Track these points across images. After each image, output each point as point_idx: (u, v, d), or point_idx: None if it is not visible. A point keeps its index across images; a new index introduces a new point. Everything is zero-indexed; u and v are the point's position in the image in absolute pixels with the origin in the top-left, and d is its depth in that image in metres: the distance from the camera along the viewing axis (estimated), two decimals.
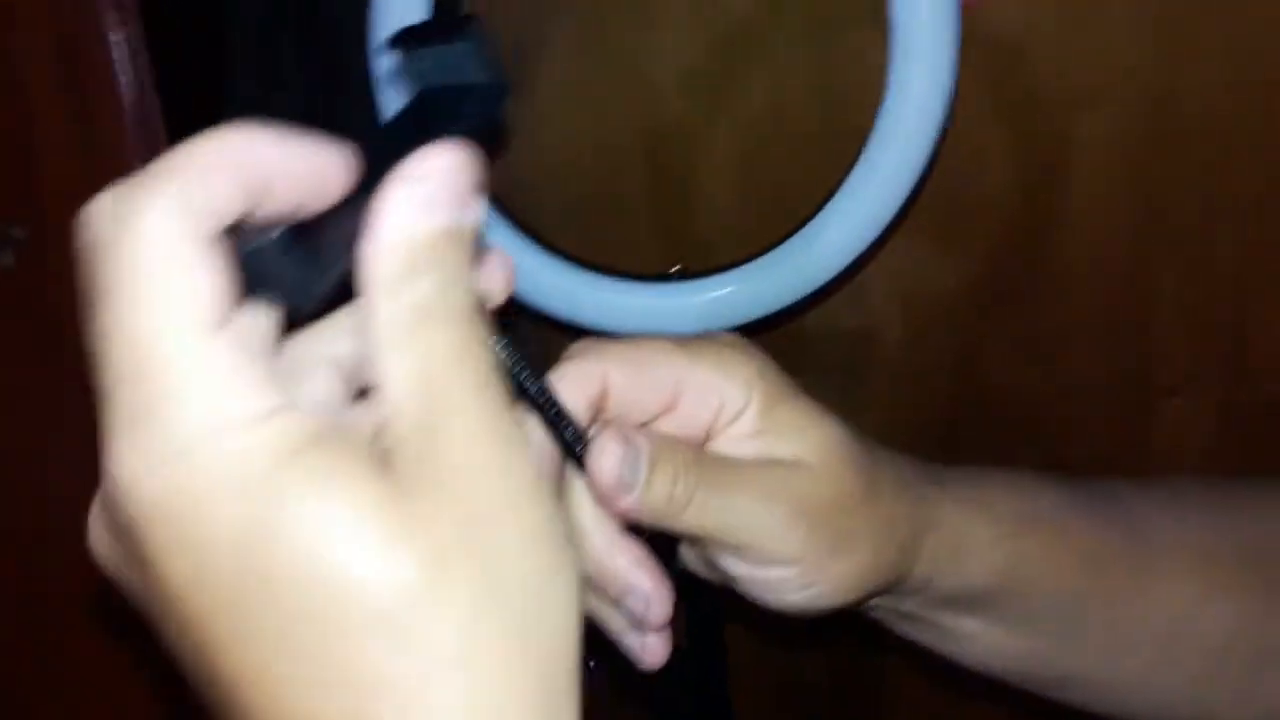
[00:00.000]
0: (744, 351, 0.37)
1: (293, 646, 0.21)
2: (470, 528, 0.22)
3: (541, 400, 0.33)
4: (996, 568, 0.39)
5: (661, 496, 0.34)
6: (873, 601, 0.39)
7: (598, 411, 0.35)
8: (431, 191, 0.24)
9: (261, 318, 0.24)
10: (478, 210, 0.25)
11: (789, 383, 0.37)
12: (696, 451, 0.35)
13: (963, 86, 0.58)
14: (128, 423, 0.22)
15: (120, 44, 0.59)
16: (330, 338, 0.28)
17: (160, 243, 0.21)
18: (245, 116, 0.23)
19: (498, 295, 0.30)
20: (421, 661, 0.21)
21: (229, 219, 0.22)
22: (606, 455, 0.33)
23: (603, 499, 0.34)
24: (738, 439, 0.36)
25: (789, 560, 0.35)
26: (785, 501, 0.35)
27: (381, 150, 0.25)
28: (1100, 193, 0.69)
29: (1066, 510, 0.41)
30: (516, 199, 0.65)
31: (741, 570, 0.36)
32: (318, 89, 0.73)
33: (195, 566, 0.22)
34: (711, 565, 0.38)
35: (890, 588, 0.38)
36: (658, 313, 0.59)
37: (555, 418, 0.33)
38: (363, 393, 0.28)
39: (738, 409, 0.36)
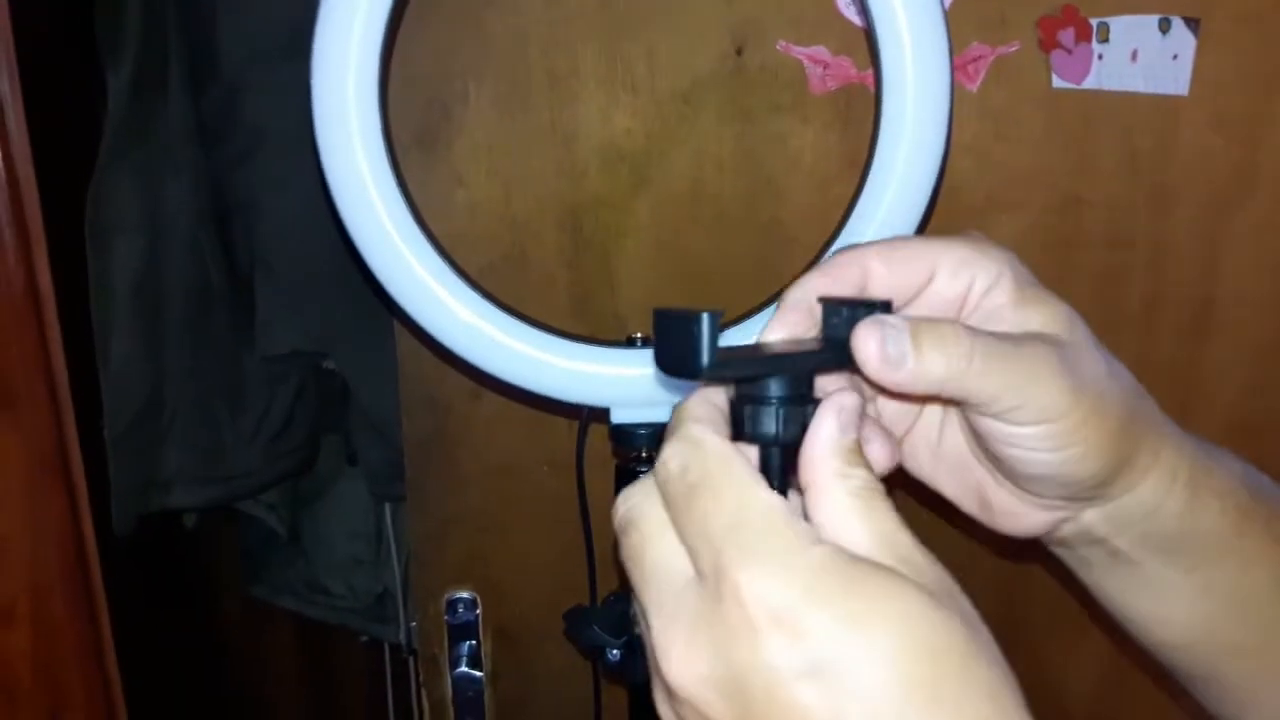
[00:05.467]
0: (990, 240, 0.39)
1: None
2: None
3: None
4: (1186, 526, 0.41)
5: (938, 365, 0.35)
6: (1078, 524, 0.41)
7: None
8: (848, 418, 0.34)
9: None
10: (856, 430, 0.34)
11: (1030, 271, 0.39)
12: (958, 322, 0.37)
13: None
14: (688, 629, 0.32)
15: None
16: None
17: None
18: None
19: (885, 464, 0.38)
20: None
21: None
22: (867, 339, 0.35)
23: (877, 379, 0.36)
24: (990, 311, 0.38)
25: (1056, 415, 0.37)
26: (1055, 363, 0.37)
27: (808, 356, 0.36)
28: None
29: (1252, 494, 0.43)
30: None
31: (1002, 431, 0.38)
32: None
33: None
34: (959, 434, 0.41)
35: (1115, 482, 0.40)
36: (618, 379, 0.54)
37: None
38: None
39: (989, 283, 0.38)
